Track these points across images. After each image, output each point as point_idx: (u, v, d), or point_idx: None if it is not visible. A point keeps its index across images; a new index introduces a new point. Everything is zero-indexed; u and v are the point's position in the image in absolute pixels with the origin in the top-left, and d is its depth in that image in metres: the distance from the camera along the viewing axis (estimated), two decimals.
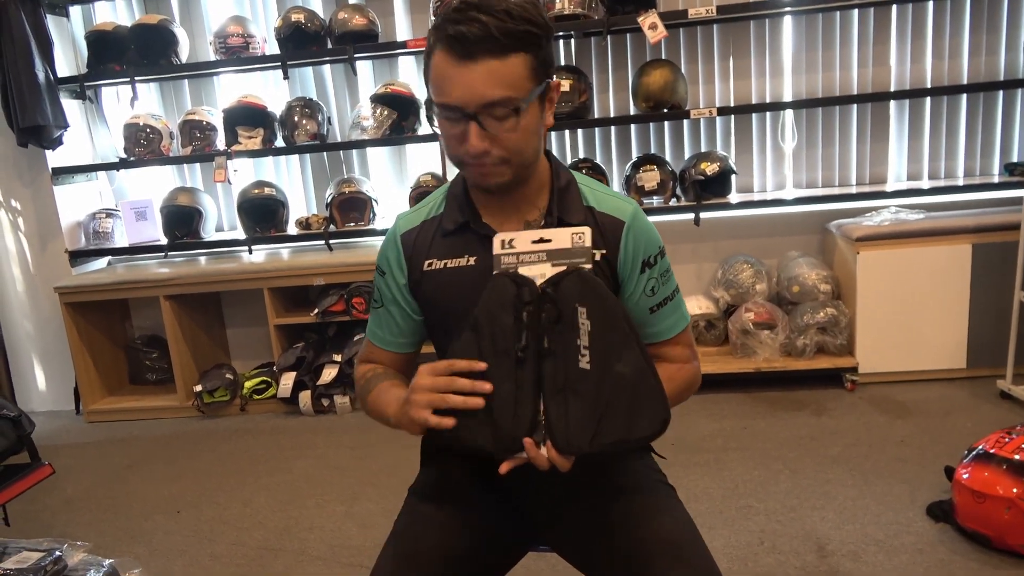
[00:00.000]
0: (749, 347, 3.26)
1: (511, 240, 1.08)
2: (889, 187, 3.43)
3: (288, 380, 3.44)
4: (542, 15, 1.08)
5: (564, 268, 1.06)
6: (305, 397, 3.43)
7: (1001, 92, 3.38)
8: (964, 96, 3.41)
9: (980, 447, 2.06)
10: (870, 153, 3.52)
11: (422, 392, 1.05)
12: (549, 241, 1.08)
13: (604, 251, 1.18)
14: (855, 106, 3.47)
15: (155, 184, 3.89)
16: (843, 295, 3.28)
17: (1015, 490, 1.90)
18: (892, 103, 3.45)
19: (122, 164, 3.61)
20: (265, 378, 3.56)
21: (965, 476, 2.03)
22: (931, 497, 2.26)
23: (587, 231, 1.07)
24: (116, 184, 3.91)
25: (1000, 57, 3.36)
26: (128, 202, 3.73)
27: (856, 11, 3.38)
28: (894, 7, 3.36)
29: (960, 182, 3.40)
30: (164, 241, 3.64)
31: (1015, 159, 3.45)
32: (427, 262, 1.23)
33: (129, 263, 3.86)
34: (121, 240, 3.71)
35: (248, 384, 3.55)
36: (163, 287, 3.47)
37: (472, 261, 1.20)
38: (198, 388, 3.52)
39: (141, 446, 3.29)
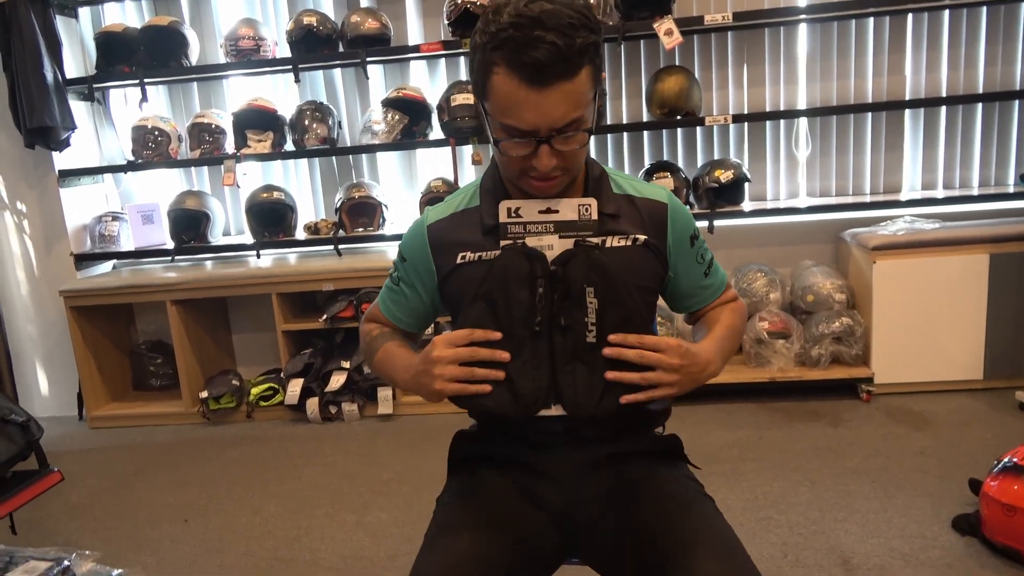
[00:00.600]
0: (763, 356, 3.22)
1: (517, 208, 1.11)
2: (903, 196, 3.40)
3: (296, 387, 3.40)
4: (595, 16, 1.08)
5: (571, 241, 1.11)
6: (312, 404, 3.39)
7: (1017, 102, 3.37)
8: (980, 106, 3.39)
9: (1009, 459, 2.02)
10: (884, 162, 3.50)
11: (444, 365, 1.10)
12: (556, 212, 1.11)
13: (647, 236, 1.21)
14: (870, 115, 3.45)
15: (162, 187, 3.85)
16: (858, 305, 3.25)
17: None
18: (907, 112, 3.43)
19: (130, 167, 3.57)
20: (272, 384, 3.52)
21: (994, 489, 1.99)
22: (955, 510, 2.22)
23: (593, 203, 1.12)
24: (123, 187, 3.87)
25: (1017, 67, 3.35)
26: (135, 205, 3.69)
27: (872, 20, 3.37)
28: (910, 16, 3.35)
29: (975, 192, 3.38)
30: (171, 245, 3.60)
31: None
32: (461, 254, 1.22)
33: (135, 267, 3.81)
34: (127, 244, 3.67)
35: (254, 391, 3.50)
36: (170, 291, 3.42)
37: None
38: (204, 394, 3.47)
39: (146, 453, 3.24)
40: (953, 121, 3.42)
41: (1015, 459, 2.01)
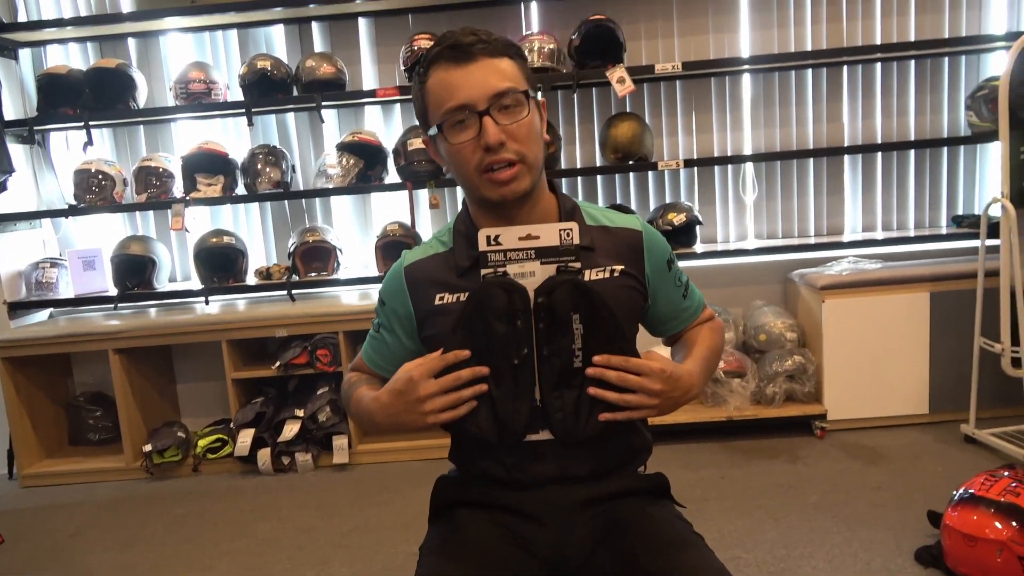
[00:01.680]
0: (720, 396, 3.26)
1: (497, 236, 1.10)
2: (846, 238, 3.54)
3: (246, 437, 3.27)
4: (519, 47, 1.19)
5: (554, 266, 1.11)
6: (264, 455, 3.26)
7: (945, 148, 3.56)
8: (912, 152, 3.57)
9: (965, 490, 2.08)
10: (827, 205, 3.64)
11: (433, 399, 1.10)
12: (537, 238, 1.10)
13: (624, 266, 1.23)
14: (811, 160, 3.60)
15: (105, 233, 3.72)
16: (808, 343, 3.34)
17: (1006, 533, 1.91)
18: (846, 157, 3.59)
19: (71, 211, 3.45)
20: (220, 436, 3.38)
21: (954, 520, 2.04)
22: (916, 542, 2.26)
23: (574, 226, 1.12)
24: (62, 232, 3.73)
25: (943, 116, 3.55)
26: (76, 251, 3.55)
27: (810, 70, 3.54)
28: (845, 68, 3.53)
29: (912, 233, 3.54)
30: (113, 292, 3.46)
31: (960, 211, 3.62)
32: (438, 296, 1.22)
33: (73, 315, 3.65)
34: (66, 291, 3.52)
35: (202, 443, 3.36)
36: (112, 340, 3.28)
37: None
38: (147, 448, 3.31)
39: (85, 512, 3.05)
40: (888, 166, 3.60)
41: (972, 490, 2.07)
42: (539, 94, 1.23)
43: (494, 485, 1.24)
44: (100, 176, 3.43)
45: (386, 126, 3.65)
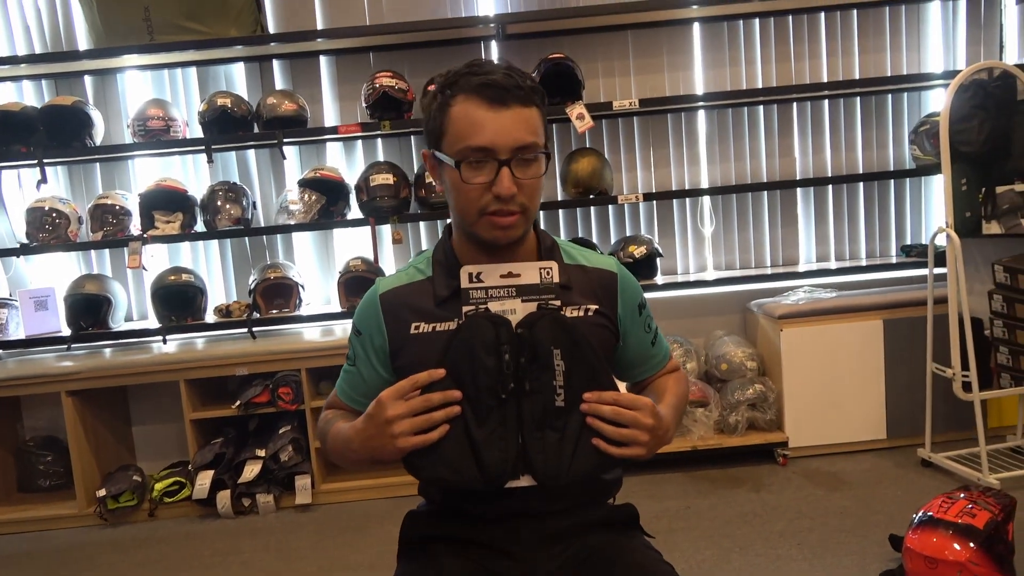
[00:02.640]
0: (684, 426, 3.29)
1: (479, 273, 1.11)
2: (801, 268, 3.64)
3: (205, 479, 3.18)
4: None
5: (535, 304, 1.11)
6: (224, 497, 3.18)
7: (892, 181, 3.70)
8: (861, 184, 3.70)
9: (924, 513, 2.13)
10: (782, 236, 3.74)
11: (401, 421, 1.07)
12: (518, 276, 1.11)
13: (599, 305, 1.24)
14: (766, 193, 3.70)
15: (59, 272, 3.63)
16: (768, 371, 3.40)
17: (965, 554, 1.96)
18: (799, 190, 3.70)
19: (23, 250, 3.36)
20: (178, 478, 3.28)
21: (915, 542, 2.07)
22: (879, 566, 2.30)
23: (554, 266, 1.13)
24: (12, 272, 3.63)
25: (889, 150, 3.70)
26: (27, 291, 3.46)
27: (762, 107, 3.66)
28: (795, 104, 3.66)
29: (864, 263, 3.65)
30: (67, 332, 3.37)
31: (909, 241, 3.74)
32: (414, 325, 1.21)
33: (23, 357, 3.53)
34: (17, 332, 3.42)
35: (158, 486, 3.26)
36: (65, 382, 3.19)
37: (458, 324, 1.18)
38: (101, 492, 3.19)
39: (35, 562, 2.93)
40: (839, 198, 3.72)
41: (930, 512, 2.11)
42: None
43: (464, 519, 1.23)
44: (54, 214, 3.36)
45: (348, 162, 3.66)
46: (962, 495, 2.13)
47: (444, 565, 1.20)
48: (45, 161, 3.31)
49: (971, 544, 1.97)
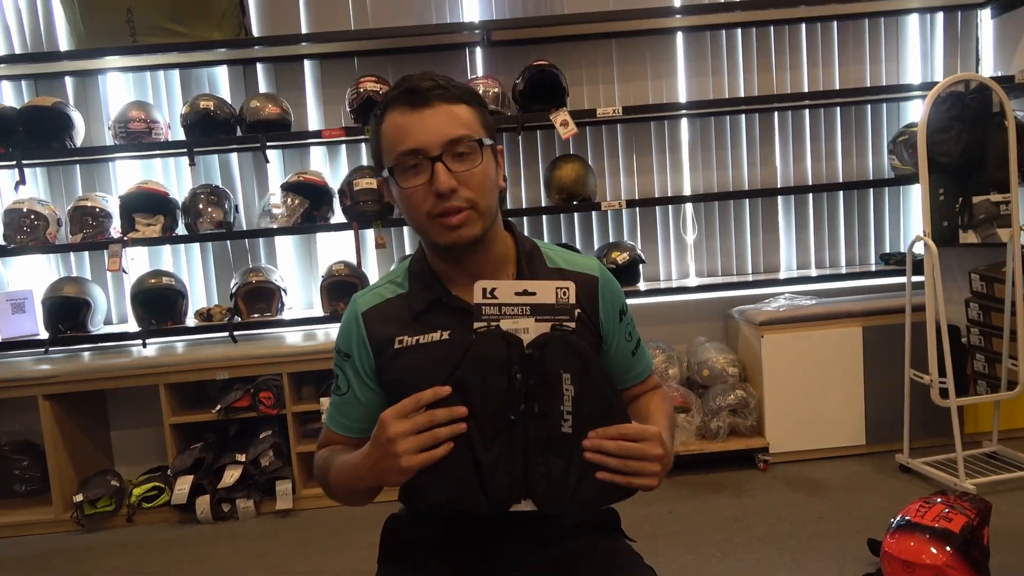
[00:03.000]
0: None
1: (493, 289, 1.06)
2: (782, 275, 3.67)
3: (184, 484, 3.15)
4: (480, 96, 1.19)
5: (548, 324, 1.07)
6: (203, 503, 3.15)
7: (871, 190, 3.75)
8: (841, 193, 3.75)
9: (902, 517, 2.15)
10: (763, 244, 3.77)
11: (405, 439, 1.01)
12: (533, 294, 1.07)
13: (582, 309, 1.21)
14: (747, 200, 3.74)
15: (37, 274, 3.59)
16: (749, 377, 3.42)
17: (942, 558, 1.98)
18: (780, 198, 3.74)
19: (0, 252, 3.32)
20: (157, 484, 3.25)
21: (892, 546, 2.10)
22: (858, 570, 2.32)
23: (572, 286, 1.08)
24: None
25: (868, 159, 3.75)
26: (4, 293, 3.41)
27: (744, 116, 3.70)
28: (776, 114, 3.70)
29: (843, 270, 3.69)
30: (44, 335, 3.33)
31: (888, 250, 3.79)
32: (397, 340, 1.19)
33: None
34: None
35: (137, 491, 3.22)
36: (42, 385, 3.15)
37: (446, 335, 1.18)
38: (78, 498, 3.15)
39: (11, 568, 2.88)
40: (820, 207, 3.76)
41: (908, 516, 2.14)
42: (496, 142, 1.18)
43: (446, 523, 1.23)
44: (32, 216, 3.32)
45: (332, 166, 3.65)
46: (939, 500, 2.16)
47: (426, 568, 1.20)
48: (24, 162, 3.28)
49: (948, 548, 1.99)
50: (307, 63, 3.59)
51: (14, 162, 3.25)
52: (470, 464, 1.02)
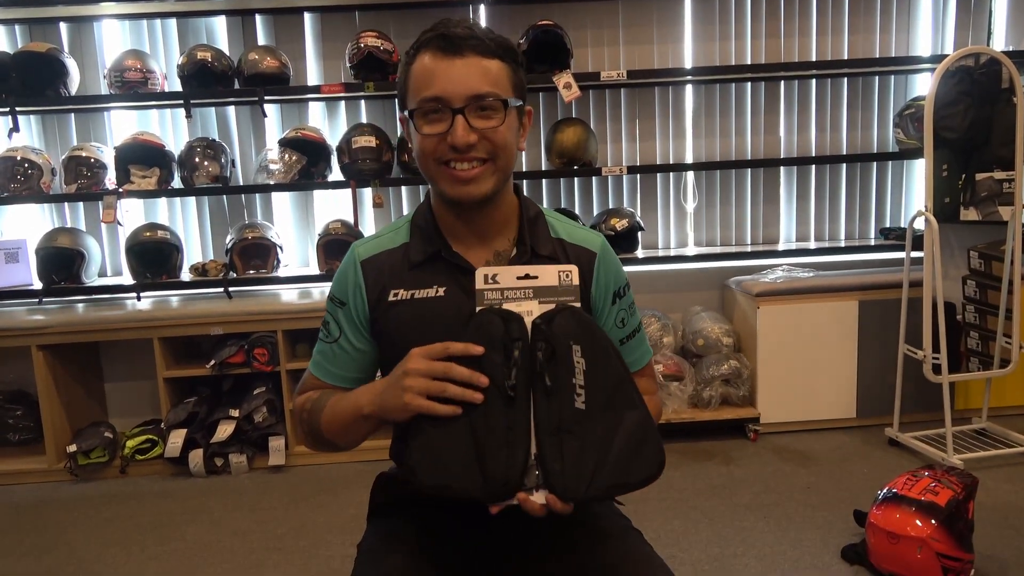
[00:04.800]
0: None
1: (495, 275, 1.05)
2: (780, 247, 3.66)
3: (177, 438, 3.17)
4: (518, 50, 1.15)
5: (552, 305, 1.04)
6: (196, 456, 3.17)
7: (874, 163, 3.71)
8: (844, 165, 3.72)
9: (889, 489, 2.17)
10: (763, 215, 3.75)
11: (416, 377, 1.00)
12: (535, 278, 1.05)
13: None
14: (749, 170, 3.70)
15: (31, 224, 3.56)
16: (744, 348, 3.43)
17: (926, 531, 2.00)
18: (782, 169, 3.71)
19: None
20: (150, 436, 3.27)
21: (878, 518, 2.12)
22: (842, 541, 2.35)
23: (574, 269, 1.06)
24: None
25: (873, 132, 3.71)
26: None
27: (749, 84, 3.64)
28: (782, 83, 3.65)
29: (842, 244, 3.68)
30: (38, 285, 3.32)
31: (888, 224, 3.77)
32: (392, 292, 1.18)
33: None
34: None
35: (130, 443, 3.24)
36: (35, 336, 3.14)
37: (441, 292, 1.17)
38: (72, 448, 3.17)
39: (3, 515, 2.91)
40: (822, 179, 3.73)
41: (895, 489, 2.15)
42: (525, 103, 1.14)
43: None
44: (26, 164, 3.28)
45: (330, 123, 3.60)
46: (926, 474, 2.18)
47: (412, 527, 1.21)
48: (18, 109, 3.22)
49: (932, 521, 2.01)
50: (307, 16, 3.51)
51: (8, 109, 3.20)
52: (471, 446, 0.98)
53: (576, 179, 3.65)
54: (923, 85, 3.65)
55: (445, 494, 0.99)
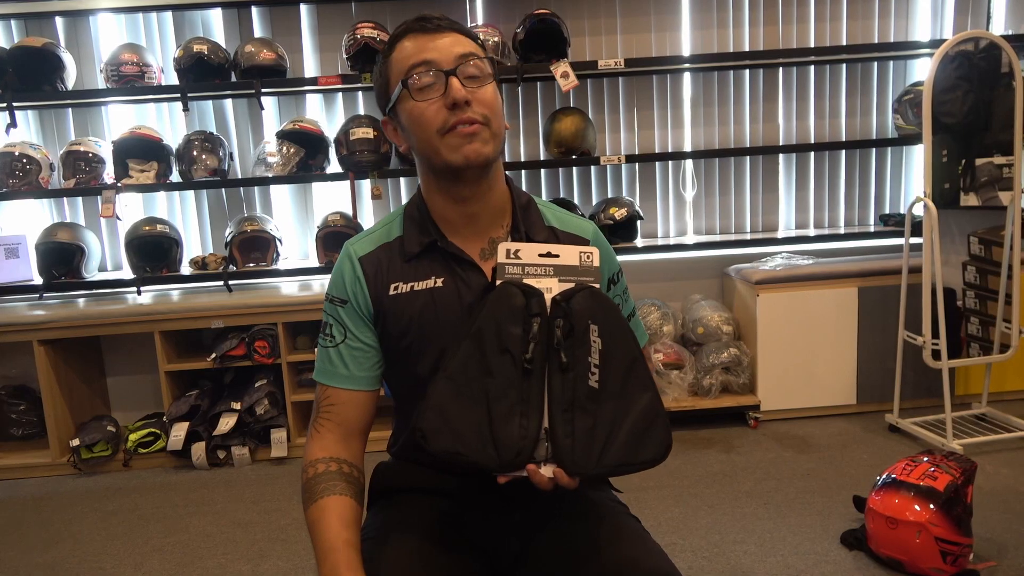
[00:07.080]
0: (659, 387, 3.32)
1: (517, 251, 1.07)
2: (780, 234, 3.65)
3: (180, 431, 3.18)
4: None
5: (572, 284, 1.07)
6: (199, 449, 3.18)
7: (873, 150, 3.71)
8: (843, 152, 3.71)
9: (888, 475, 2.18)
10: (762, 202, 3.75)
11: None
12: (556, 256, 1.08)
13: None
14: (748, 158, 3.70)
15: (29, 219, 3.56)
16: (744, 336, 3.43)
17: (925, 515, 2.01)
18: (781, 156, 3.70)
19: None
20: (153, 430, 3.28)
21: (877, 503, 2.13)
22: (842, 526, 2.36)
23: (595, 251, 1.09)
24: None
25: (872, 118, 3.70)
26: None
27: (747, 71, 3.63)
28: (780, 70, 3.63)
29: (842, 230, 3.67)
30: (38, 281, 3.32)
31: (887, 211, 3.77)
32: (392, 286, 1.18)
33: None
34: None
35: (133, 437, 3.25)
36: (37, 331, 3.15)
37: (439, 283, 1.17)
38: (75, 442, 3.19)
39: (8, 509, 2.92)
40: (821, 166, 3.73)
41: (894, 475, 2.16)
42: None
43: (433, 471, 1.23)
44: (24, 160, 3.28)
45: (328, 115, 3.59)
46: (925, 459, 2.18)
47: (412, 515, 1.21)
48: (15, 104, 3.22)
49: (931, 506, 2.02)
50: (303, 7, 3.50)
51: (4, 104, 3.19)
52: (484, 416, 0.99)
53: (575, 168, 3.64)
54: (922, 70, 3.64)
55: (455, 460, 0.99)
